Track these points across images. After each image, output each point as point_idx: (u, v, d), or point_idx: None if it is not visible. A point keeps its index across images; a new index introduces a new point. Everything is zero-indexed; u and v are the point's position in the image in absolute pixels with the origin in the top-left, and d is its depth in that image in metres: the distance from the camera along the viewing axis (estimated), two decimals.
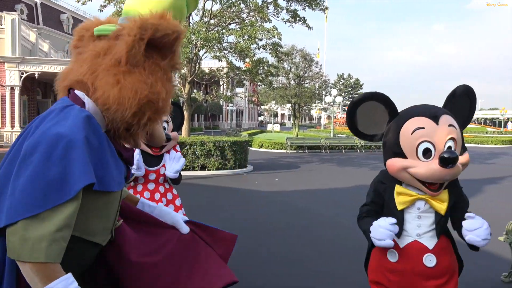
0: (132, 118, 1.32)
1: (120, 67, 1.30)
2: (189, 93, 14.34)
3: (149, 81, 1.32)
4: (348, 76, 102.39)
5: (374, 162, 17.75)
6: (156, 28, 1.28)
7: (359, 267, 4.71)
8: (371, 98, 2.14)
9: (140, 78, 1.31)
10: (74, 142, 1.20)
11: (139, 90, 1.30)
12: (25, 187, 1.15)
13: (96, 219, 1.37)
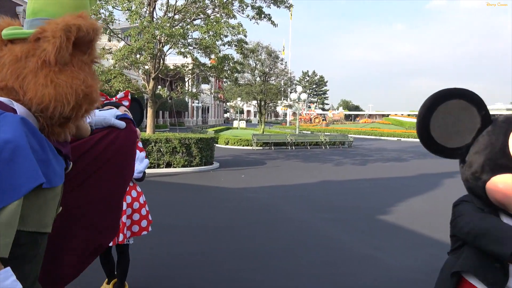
0: (71, 112, 1.40)
1: (50, 67, 1.37)
2: (153, 89, 14.09)
3: (81, 76, 1.42)
4: (312, 73, 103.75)
5: (339, 158, 18.10)
6: (78, 28, 1.38)
7: (321, 261, 4.82)
8: (458, 96, 1.56)
9: (72, 75, 1.40)
10: (19, 146, 1.26)
11: (74, 86, 1.39)
12: None
13: (47, 213, 1.47)
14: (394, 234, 6.05)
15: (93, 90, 1.46)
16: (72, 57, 1.41)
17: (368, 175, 12.57)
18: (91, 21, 1.43)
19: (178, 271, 4.38)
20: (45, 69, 1.36)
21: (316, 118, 61.32)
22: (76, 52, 1.43)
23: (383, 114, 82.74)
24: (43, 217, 1.44)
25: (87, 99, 1.44)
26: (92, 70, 1.51)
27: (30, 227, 1.36)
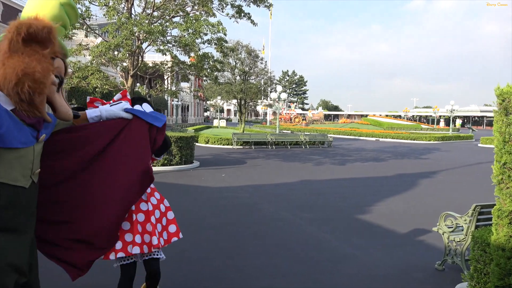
0: (15, 87, 1.77)
1: (5, 55, 1.79)
2: (132, 87, 13.86)
3: (26, 60, 1.78)
4: (292, 73, 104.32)
5: (318, 157, 18.21)
6: (29, 25, 1.79)
7: (299, 258, 4.81)
8: None
9: (18, 59, 1.77)
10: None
11: (16, 67, 1.76)
12: None
13: (13, 169, 1.88)
14: (373, 233, 6.10)
15: (35, 71, 1.78)
16: (25, 47, 1.80)
17: (347, 174, 12.67)
18: (44, 21, 1.84)
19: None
20: (3, 55, 1.80)
21: (296, 118, 61.63)
22: (31, 44, 1.82)
23: (361, 115, 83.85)
24: (8, 172, 1.86)
25: (28, 78, 1.77)
26: (46, 58, 1.86)
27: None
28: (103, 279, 3.98)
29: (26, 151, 1.93)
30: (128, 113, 2.40)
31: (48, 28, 1.84)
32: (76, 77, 13.20)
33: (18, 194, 1.92)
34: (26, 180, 1.97)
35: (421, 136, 33.32)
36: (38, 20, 1.83)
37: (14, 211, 1.90)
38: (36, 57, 1.81)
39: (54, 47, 1.91)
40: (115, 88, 14.08)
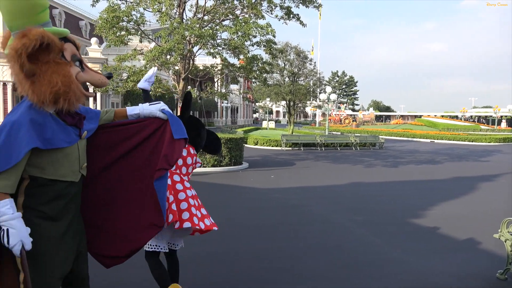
0: (54, 106, 1.96)
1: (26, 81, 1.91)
2: (183, 89, 14.24)
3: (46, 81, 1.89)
4: (342, 73, 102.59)
5: (369, 159, 17.77)
6: (24, 48, 1.82)
7: (346, 262, 4.70)
8: None
9: (41, 83, 1.90)
10: (22, 124, 1.88)
11: (43, 92, 1.90)
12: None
13: (62, 166, 2.06)
14: (425, 237, 5.85)
15: (60, 87, 1.90)
16: (35, 65, 1.88)
17: (400, 177, 12.27)
18: (32, 34, 1.82)
19: (199, 269, 4.37)
20: (25, 82, 1.91)
21: (346, 119, 60.55)
22: (37, 60, 1.87)
23: (415, 115, 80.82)
24: (58, 169, 2.04)
25: (58, 94, 1.91)
26: (59, 63, 1.93)
27: (48, 175, 2.01)
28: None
29: (71, 149, 2.10)
30: (164, 114, 2.48)
31: (39, 38, 1.84)
32: (131, 81, 13.75)
33: (68, 187, 2.10)
34: (76, 175, 2.15)
35: (481, 137, 31.60)
36: (25, 35, 1.83)
37: (66, 200, 2.09)
38: (52, 69, 1.91)
39: (56, 46, 1.93)
40: (167, 91, 14.52)
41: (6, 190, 1.88)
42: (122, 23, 13.27)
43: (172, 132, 2.45)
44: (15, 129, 1.87)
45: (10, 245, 1.86)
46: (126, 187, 2.46)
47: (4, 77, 19.93)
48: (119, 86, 14.91)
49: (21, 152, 1.86)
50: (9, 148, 1.85)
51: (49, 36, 1.90)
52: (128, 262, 2.53)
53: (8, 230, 1.87)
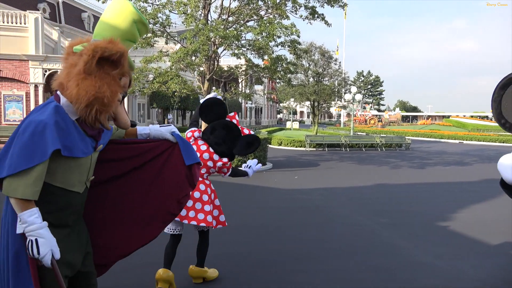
0: (85, 108, 1.96)
1: (80, 75, 1.95)
2: (208, 90, 14.35)
3: (97, 84, 1.94)
4: (367, 73, 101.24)
5: (395, 160, 17.48)
6: (104, 49, 1.94)
7: (373, 265, 4.63)
8: None
9: (91, 83, 1.94)
10: (47, 124, 1.88)
11: (88, 90, 1.93)
12: (18, 153, 1.84)
13: (72, 175, 2.07)
14: (455, 241, 5.71)
15: (105, 96, 1.96)
16: (98, 69, 1.96)
17: (427, 179, 12.01)
18: (118, 46, 1.97)
19: (224, 269, 4.39)
20: (78, 75, 1.95)
21: (372, 119, 59.72)
22: (104, 66, 1.98)
23: (443, 116, 79.01)
24: (68, 178, 2.05)
25: (98, 101, 1.95)
26: (116, 82, 2.04)
27: (57, 183, 2.01)
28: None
29: (85, 160, 2.12)
30: (173, 137, 2.50)
31: (120, 52, 1.98)
32: (157, 82, 13.97)
33: (73, 198, 2.11)
34: (81, 186, 2.16)
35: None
36: (112, 43, 1.97)
37: (67, 212, 2.10)
38: (107, 80, 1.98)
39: (124, 68, 2.06)
40: (192, 92, 14.67)
41: (35, 196, 1.86)
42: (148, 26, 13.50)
43: (184, 159, 2.48)
44: (40, 129, 1.86)
45: (40, 255, 1.84)
46: (125, 204, 2.46)
47: (36, 79, 20.59)
48: (145, 87, 15.17)
49: (46, 152, 1.85)
50: (33, 147, 1.84)
51: (126, 56, 2.05)
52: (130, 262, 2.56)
53: (37, 240, 1.84)
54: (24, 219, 1.85)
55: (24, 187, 1.82)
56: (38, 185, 1.87)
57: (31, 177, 1.84)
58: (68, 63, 2.03)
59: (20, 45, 20.92)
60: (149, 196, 2.48)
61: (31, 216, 1.85)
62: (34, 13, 21.45)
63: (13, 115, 20.69)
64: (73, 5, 36.73)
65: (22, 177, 1.83)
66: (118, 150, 2.47)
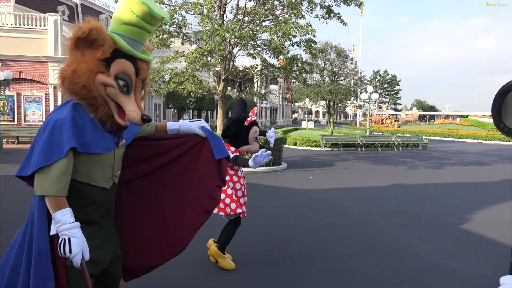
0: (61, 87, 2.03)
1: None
2: (223, 90, 14.43)
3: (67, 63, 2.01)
4: (384, 73, 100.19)
5: (412, 160, 17.28)
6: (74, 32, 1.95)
7: (389, 266, 4.60)
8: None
9: (65, 64, 2.00)
10: (65, 123, 1.92)
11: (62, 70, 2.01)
12: (39, 152, 1.89)
13: (95, 171, 2.09)
14: (473, 243, 5.62)
15: (68, 72, 1.96)
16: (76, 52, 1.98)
17: (444, 179, 11.85)
18: (88, 24, 1.93)
19: (242, 270, 4.41)
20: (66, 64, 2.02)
21: (388, 119, 59.10)
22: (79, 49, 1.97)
23: (461, 115, 77.70)
24: (91, 174, 2.07)
25: (66, 79, 1.98)
26: (90, 60, 1.95)
27: (81, 178, 2.05)
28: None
29: (107, 156, 2.12)
30: (203, 131, 2.49)
31: (89, 29, 1.91)
32: (173, 82, 14.09)
33: (99, 193, 2.12)
34: (107, 182, 2.18)
35: None
36: (86, 22, 1.94)
37: (94, 207, 2.12)
38: (81, 59, 1.95)
39: (104, 48, 1.94)
40: (208, 92, 14.76)
41: (60, 193, 1.90)
42: (164, 26, 13.62)
43: (214, 153, 2.45)
44: (58, 127, 1.90)
45: (72, 254, 1.87)
46: (156, 200, 2.46)
47: (55, 80, 20.96)
48: (161, 87, 15.31)
49: (62, 150, 1.88)
50: (52, 145, 1.88)
51: (101, 35, 1.94)
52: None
53: (70, 239, 1.87)
54: (57, 218, 1.89)
55: (48, 183, 1.87)
56: (62, 181, 1.90)
57: (53, 174, 1.87)
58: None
59: (39, 47, 21.34)
60: (182, 194, 2.46)
61: (64, 215, 1.90)
62: (53, 15, 21.84)
63: (33, 116, 21.13)
64: (91, 7, 37.33)
65: (45, 175, 1.87)
66: (147, 147, 2.47)
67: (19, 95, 21.04)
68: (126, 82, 2.02)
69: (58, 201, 1.90)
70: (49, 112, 21.88)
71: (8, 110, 20.88)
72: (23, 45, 21.08)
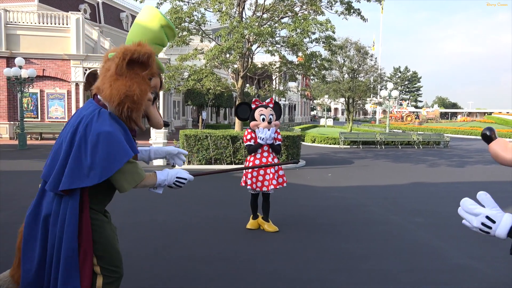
0: (118, 107, 2.15)
1: (112, 77, 2.15)
2: (242, 87, 14.46)
3: (128, 84, 2.13)
4: (405, 69, 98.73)
5: (433, 158, 17.00)
6: (133, 52, 2.14)
7: (409, 266, 4.54)
8: None
9: (122, 83, 2.13)
10: (114, 134, 2.12)
11: (120, 90, 2.11)
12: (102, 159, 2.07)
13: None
14: (494, 243, 5.49)
15: (134, 94, 2.14)
16: (128, 71, 2.16)
17: (466, 178, 11.63)
18: (145, 48, 2.18)
19: (261, 266, 4.43)
20: (111, 77, 2.16)
21: (408, 116, 58.23)
22: (134, 67, 2.18)
23: (485, 112, 76.04)
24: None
25: (128, 99, 2.13)
26: (144, 81, 2.21)
27: None
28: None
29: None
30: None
31: (148, 54, 2.18)
32: (192, 80, 14.19)
33: (114, 189, 2.36)
34: None
35: None
36: (141, 45, 2.18)
37: (108, 201, 2.42)
38: (137, 80, 2.17)
39: (152, 69, 2.25)
40: (226, 89, 14.81)
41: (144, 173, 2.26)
42: (184, 24, 13.72)
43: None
44: (112, 137, 2.10)
45: (188, 177, 2.39)
46: None
47: (77, 78, 21.37)
48: (180, 85, 15.44)
49: (128, 151, 2.14)
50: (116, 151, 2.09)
51: (154, 57, 2.25)
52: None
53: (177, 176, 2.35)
54: (160, 182, 2.32)
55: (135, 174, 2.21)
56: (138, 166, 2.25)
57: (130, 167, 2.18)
58: (104, 68, 2.25)
59: (62, 45, 21.77)
60: None
61: (160, 178, 2.32)
62: (75, 14, 22.23)
63: (56, 113, 21.59)
64: (112, 5, 37.83)
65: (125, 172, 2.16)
66: None
67: (43, 92, 21.52)
68: (156, 95, 2.39)
69: (149, 178, 2.29)
70: (71, 109, 22.53)
71: (32, 107, 21.39)
72: (46, 43, 21.54)
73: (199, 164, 12.48)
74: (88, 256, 2.15)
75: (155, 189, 2.37)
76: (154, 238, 5.31)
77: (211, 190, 8.72)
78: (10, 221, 5.84)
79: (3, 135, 21.03)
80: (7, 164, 11.96)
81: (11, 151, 15.83)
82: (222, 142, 12.47)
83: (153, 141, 13.19)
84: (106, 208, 2.48)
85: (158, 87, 2.35)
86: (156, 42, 2.35)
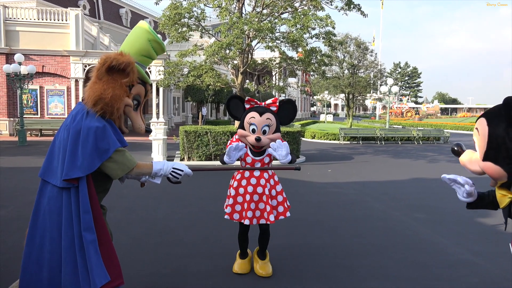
0: (93, 107, 2.36)
1: (93, 80, 2.40)
2: (241, 83, 14.42)
3: (104, 87, 2.35)
4: (405, 65, 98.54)
5: (433, 154, 16.99)
6: (112, 59, 2.35)
7: (410, 261, 4.54)
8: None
9: (99, 86, 2.36)
10: (102, 128, 2.34)
11: (95, 91, 2.35)
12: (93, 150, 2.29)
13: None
14: (497, 239, 5.51)
15: (106, 97, 2.34)
16: (107, 76, 2.37)
17: (466, 173, 11.57)
18: (125, 57, 2.37)
19: None
20: (91, 81, 2.41)
21: (408, 112, 58.20)
22: (113, 74, 2.38)
23: (485, 108, 75.96)
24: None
25: (102, 101, 2.34)
26: (121, 87, 2.40)
27: None
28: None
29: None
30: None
31: (126, 63, 2.37)
32: (192, 76, 14.14)
33: (110, 182, 2.61)
34: None
35: None
36: (122, 55, 2.39)
37: (105, 194, 2.63)
38: (113, 85, 2.37)
39: (132, 77, 2.43)
40: (226, 85, 14.77)
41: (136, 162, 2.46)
42: (183, 20, 13.66)
43: None
44: (101, 131, 2.32)
45: (185, 170, 2.53)
46: None
47: (77, 74, 21.33)
48: (180, 81, 15.40)
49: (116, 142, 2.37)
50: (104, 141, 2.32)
51: (133, 68, 2.44)
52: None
53: (173, 167, 2.51)
54: (156, 170, 2.48)
55: (127, 160, 2.40)
56: (130, 155, 2.45)
57: (121, 154, 2.38)
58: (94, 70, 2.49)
59: (61, 41, 21.70)
60: None
61: (156, 167, 2.49)
62: (74, 10, 22.15)
63: (55, 109, 21.56)
64: (111, 1, 37.71)
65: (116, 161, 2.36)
66: None
67: (42, 88, 21.48)
68: (139, 102, 2.58)
69: (142, 165, 2.46)
70: (71, 106, 22.51)
71: (32, 103, 21.36)
72: (46, 40, 21.48)
73: (199, 160, 12.48)
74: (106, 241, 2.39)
75: (152, 179, 2.51)
76: (154, 235, 5.31)
77: (212, 186, 8.73)
78: (10, 217, 5.84)
79: (3, 131, 21.02)
80: (7, 161, 11.95)
81: (11, 147, 15.82)
82: (222, 138, 12.48)
83: (153, 137, 13.20)
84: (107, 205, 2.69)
85: (142, 95, 2.56)
86: (143, 54, 2.58)
